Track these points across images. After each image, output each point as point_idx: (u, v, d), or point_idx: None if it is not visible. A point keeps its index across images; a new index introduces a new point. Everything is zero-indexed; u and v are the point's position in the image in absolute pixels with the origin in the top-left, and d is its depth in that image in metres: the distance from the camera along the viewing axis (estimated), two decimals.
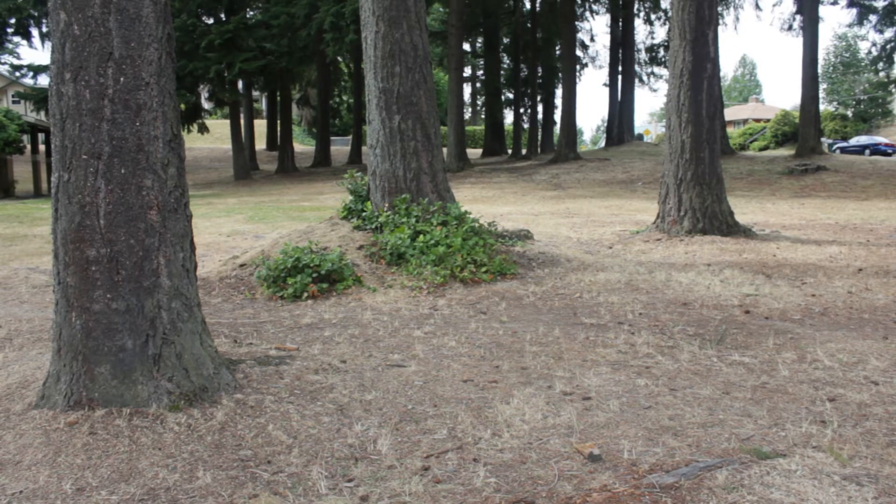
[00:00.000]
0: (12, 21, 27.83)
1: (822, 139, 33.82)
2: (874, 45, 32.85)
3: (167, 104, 3.49)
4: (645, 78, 40.12)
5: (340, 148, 44.90)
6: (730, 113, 60.86)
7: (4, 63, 37.45)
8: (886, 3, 27.84)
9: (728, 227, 9.98)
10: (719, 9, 23.13)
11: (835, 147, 38.10)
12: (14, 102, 47.10)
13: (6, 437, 3.13)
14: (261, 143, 43.40)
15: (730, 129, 50.27)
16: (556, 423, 3.31)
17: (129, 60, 3.34)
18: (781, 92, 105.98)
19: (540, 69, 37.32)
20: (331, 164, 35.36)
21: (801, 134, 26.21)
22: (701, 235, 9.71)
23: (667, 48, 32.38)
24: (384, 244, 7.25)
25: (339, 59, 34.40)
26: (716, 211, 9.97)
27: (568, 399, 3.64)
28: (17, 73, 34.34)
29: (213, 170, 36.91)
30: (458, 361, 4.36)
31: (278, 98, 36.03)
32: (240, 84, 33.39)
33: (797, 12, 29.00)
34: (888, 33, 29.26)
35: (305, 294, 6.34)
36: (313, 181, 27.90)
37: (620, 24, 35.67)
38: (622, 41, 35.57)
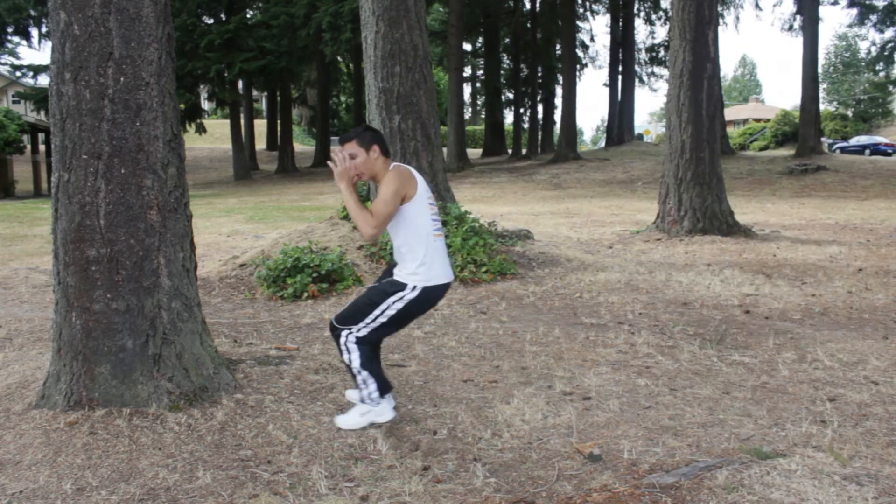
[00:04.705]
0: (12, 21, 27.81)
1: (823, 139, 33.79)
2: (873, 44, 32.87)
3: (167, 104, 3.48)
4: (645, 78, 40.17)
5: None
6: (730, 113, 60.81)
7: (4, 63, 37.46)
8: (886, 2, 27.84)
9: (728, 226, 9.98)
10: (719, 9, 23.12)
11: (835, 147, 38.06)
12: (14, 102, 47.05)
13: (6, 437, 3.13)
14: (261, 143, 43.37)
15: (730, 129, 50.23)
16: (556, 423, 3.31)
17: (129, 60, 3.34)
18: (781, 92, 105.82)
19: (540, 69, 37.31)
20: None
21: (801, 134, 26.21)
22: (701, 235, 9.71)
23: (667, 48, 32.36)
24: (384, 244, 7.25)
25: (339, 58, 34.39)
26: (716, 211, 9.98)
27: (568, 399, 3.64)
28: (17, 73, 34.33)
29: (213, 170, 36.90)
30: (458, 361, 4.36)
31: (278, 98, 36.03)
32: (240, 84, 33.39)
33: (797, 12, 29.00)
34: (888, 33, 29.28)
35: (305, 294, 6.34)
36: (313, 181, 27.89)
37: (620, 24, 35.66)
38: (622, 41, 35.57)
